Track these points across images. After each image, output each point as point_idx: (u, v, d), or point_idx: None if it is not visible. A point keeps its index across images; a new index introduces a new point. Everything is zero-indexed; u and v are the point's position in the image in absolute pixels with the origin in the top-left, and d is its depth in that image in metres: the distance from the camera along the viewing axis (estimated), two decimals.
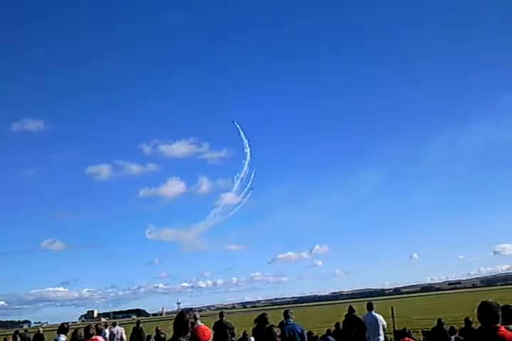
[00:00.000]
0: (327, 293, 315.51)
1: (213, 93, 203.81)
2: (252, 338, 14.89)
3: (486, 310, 4.87)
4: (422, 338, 16.56)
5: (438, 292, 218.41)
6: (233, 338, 17.60)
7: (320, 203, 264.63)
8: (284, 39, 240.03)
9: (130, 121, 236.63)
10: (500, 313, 4.86)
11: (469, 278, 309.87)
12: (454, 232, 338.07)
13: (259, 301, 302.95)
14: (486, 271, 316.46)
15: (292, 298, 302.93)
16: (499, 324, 4.80)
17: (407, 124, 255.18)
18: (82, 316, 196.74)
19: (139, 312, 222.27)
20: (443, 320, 16.11)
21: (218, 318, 14.72)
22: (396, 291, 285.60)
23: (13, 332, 17.63)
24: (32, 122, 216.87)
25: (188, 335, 4.89)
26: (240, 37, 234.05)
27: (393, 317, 20.14)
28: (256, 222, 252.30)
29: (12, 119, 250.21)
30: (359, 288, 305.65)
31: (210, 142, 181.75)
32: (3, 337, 14.22)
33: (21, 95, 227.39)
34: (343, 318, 14.05)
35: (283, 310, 10.71)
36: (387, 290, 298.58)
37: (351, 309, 13.96)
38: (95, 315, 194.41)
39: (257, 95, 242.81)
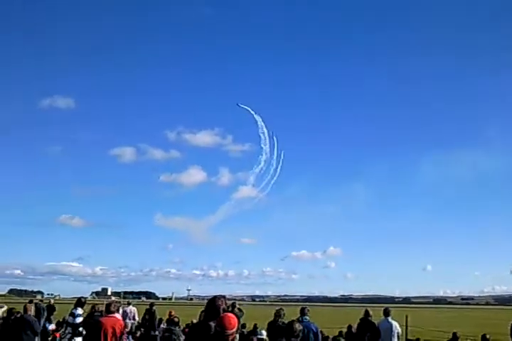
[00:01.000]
0: (336, 295, 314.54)
1: (241, 87, 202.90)
2: (264, 331, 14.90)
3: None
4: None
5: (450, 305, 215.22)
6: (243, 330, 17.68)
7: (337, 205, 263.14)
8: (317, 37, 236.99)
9: (157, 107, 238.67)
10: None
11: (483, 295, 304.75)
12: (471, 248, 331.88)
13: (268, 296, 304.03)
14: (501, 290, 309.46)
15: (302, 296, 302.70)
16: None
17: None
18: (93, 293, 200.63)
19: (149, 294, 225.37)
20: (458, 334, 15.81)
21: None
22: (406, 300, 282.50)
23: (27, 301, 17.97)
24: (62, 99, 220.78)
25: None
26: (272, 33, 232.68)
27: (406, 325, 19.86)
28: (271, 218, 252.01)
29: (43, 95, 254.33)
30: (369, 294, 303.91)
31: (234, 135, 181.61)
32: (19, 305, 14.52)
33: (55, 72, 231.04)
34: (358, 321, 13.86)
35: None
36: (397, 298, 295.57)
37: (367, 313, 13.74)
38: (109, 293, 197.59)
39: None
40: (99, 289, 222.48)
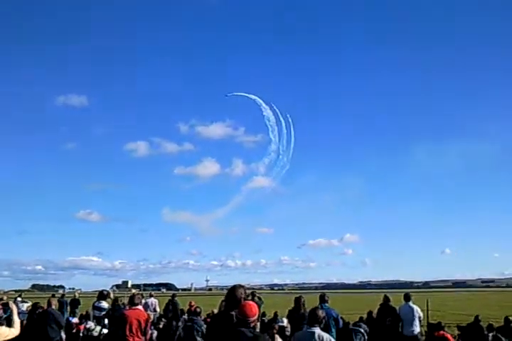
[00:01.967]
0: (355, 282, 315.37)
1: (250, 79, 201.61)
2: (284, 319, 14.93)
3: None
4: (457, 333, 16.21)
5: (470, 289, 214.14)
6: (264, 318, 17.79)
7: (352, 191, 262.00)
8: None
9: (168, 101, 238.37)
10: None
11: (504, 278, 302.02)
12: (490, 230, 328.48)
13: (286, 284, 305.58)
14: None
15: (320, 284, 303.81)
16: None
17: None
18: (114, 286, 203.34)
19: (169, 286, 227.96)
20: (480, 317, 15.73)
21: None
22: (426, 285, 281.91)
23: (49, 296, 18.27)
24: (75, 97, 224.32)
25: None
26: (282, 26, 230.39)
27: (428, 309, 19.83)
28: (286, 207, 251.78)
29: (57, 93, 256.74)
30: (388, 279, 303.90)
31: (246, 126, 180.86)
32: (42, 300, 14.78)
33: (68, 70, 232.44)
34: (378, 307, 13.87)
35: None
36: (416, 283, 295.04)
37: (386, 298, 13.77)
38: (129, 286, 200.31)
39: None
40: (119, 282, 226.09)
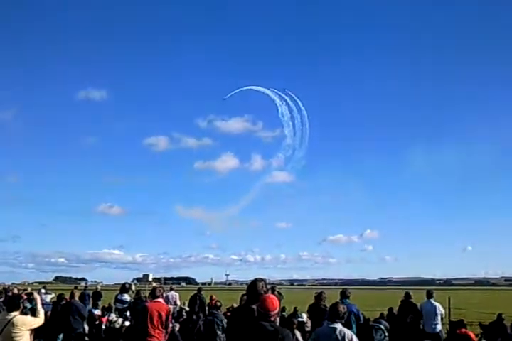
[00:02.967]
0: (375, 278, 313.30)
1: (269, 75, 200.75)
2: (304, 314, 14.91)
3: None
4: (479, 331, 15.97)
5: (493, 287, 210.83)
6: (284, 313, 17.80)
7: (371, 186, 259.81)
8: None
9: (187, 96, 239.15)
10: None
11: None
12: None
13: (306, 280, 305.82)
14: None
15: (340, 280, 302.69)
16: None
17: None
18: (134, 279, 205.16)
19: (189, 280, 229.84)
20: (503, 316, 15.47)
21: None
22: (447, 282, 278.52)
23: (71, 288, 18.58)
24: (96, 91, 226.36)
25: None
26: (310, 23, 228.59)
27: (449, 307, 19.57)
28: (305, 202, 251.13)
29: (79, 87, 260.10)
30: (409, 276, 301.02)
31: (264, 121, 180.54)
32: (65, 292, 15.05)
33: (90, 64, 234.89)
34: (399, 303, 13.77)
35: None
36: (437, 280, 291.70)
37: (408, 295, 13.67)
38: (150, 279, 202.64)
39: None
40: (140, 275, 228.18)
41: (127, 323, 12.22)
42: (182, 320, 15.75)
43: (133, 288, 12.67)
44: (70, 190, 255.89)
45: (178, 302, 18.87)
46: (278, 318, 5.76)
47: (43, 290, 22.40)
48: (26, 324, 7.35)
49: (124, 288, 12.59)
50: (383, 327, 13.18)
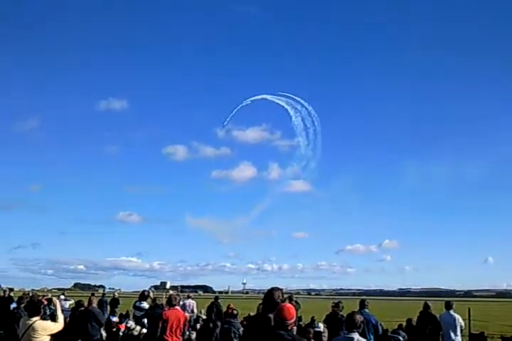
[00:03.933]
0: (394, 289, 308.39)
1: (286, 86, 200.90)
2: (321, 324, 14.84)
3: None
4: None
5: None
6: (300, 322, 17.71)
7: (391, 196, 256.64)
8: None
9: (205, 106, 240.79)
10: None
11: None
12: None
13: (323, 290, 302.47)
14: None
15: (358, 290, 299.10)
16: None
17: None
18: (152, 287, 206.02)
19: (206, 288, 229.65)
20: None
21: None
22: (467, 294, 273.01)
23: (90, 295, 18.78)
24: (116, 101, 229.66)
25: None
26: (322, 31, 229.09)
27: (470, 319, 19.20)
28: (323, 211, 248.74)
29: (100, 98, 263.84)
30: (428, 287, 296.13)
31: (282, 130, 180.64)
32: (83, 298, 15.21)
33: (110, 75, 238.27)
34: (418, 314, 13.57)
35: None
36: (458, 291, 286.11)
37: (427, 306, 13.46)
38: (167, 287, 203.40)
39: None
40: (157, 283, 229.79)
41: (145, 330, 12.29)
42: (199, 328, 15.77)
43: (151, 296, 12.72)
44: (90, 198, 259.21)
45: (195, 310, 18.92)
46: (295, 327, 5.74)
47: (62, 296, 22.66)
48: (46, 329, 7.46)
49: (143, 296, 12.65)
50: (402, 338, 13.06)
